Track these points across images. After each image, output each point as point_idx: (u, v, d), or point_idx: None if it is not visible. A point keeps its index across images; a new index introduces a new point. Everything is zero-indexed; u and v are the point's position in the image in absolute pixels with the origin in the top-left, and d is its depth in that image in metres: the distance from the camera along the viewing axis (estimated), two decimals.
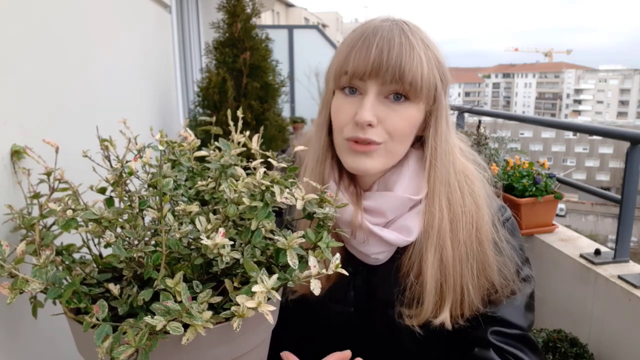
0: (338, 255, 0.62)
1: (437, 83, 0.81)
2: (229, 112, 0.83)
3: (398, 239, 0.83)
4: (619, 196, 1.90)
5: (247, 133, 0.78)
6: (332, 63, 0.84)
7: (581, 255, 1.98)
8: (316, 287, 0.59)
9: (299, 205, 0.65)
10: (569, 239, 2.18)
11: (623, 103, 75.57)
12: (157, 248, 0.61)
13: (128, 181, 0.70)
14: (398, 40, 0.77)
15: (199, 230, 0.63)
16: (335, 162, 0.87)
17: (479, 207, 0.85)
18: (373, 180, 0.87)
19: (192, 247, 0.67)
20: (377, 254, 0.85)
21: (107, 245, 0.63)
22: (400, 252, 0.86)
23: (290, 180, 0.70)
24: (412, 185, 0.84)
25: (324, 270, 0.60)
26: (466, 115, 3.09)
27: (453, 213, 0.84)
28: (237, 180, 0.66)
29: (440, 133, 0.84)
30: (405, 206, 0.84)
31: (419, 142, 0.87)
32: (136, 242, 0.63)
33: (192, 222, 0.66)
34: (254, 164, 0.70)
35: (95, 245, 0.70)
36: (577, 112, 76.71)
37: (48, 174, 0.72)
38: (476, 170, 0.89)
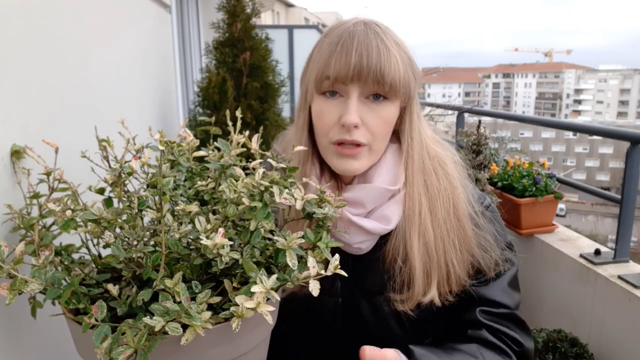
0: (337, 255, 0.62)
1: (411, 81, 0.86)
2: (228, 112, 0.83)
3: (377, 228, 0.86)
4: (619, 196, 1.90)
5: (247, 133, 0.78)
6: (309, 68, 0.88)
7: (581, 255, 1.98)
8: (315, 288, 0.59)
9: (299, 205, 0.65)
10: (569, 239, 2.18)
11: (623, 103, 75.56)
12: (157, 248, 0.61)
13: (127, 181, 0.69)
14: (375, 44, 0.81)
15: (198, 231, 0.63)
16: (316, 159, 0.91)
17: (454, 187, 0.91)
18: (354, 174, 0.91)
19: (192, 247, 0.67)
20: (359, 244, 0.88)
21: (106, 245, 0.62)
22: (384, 240, 0.89)
23: (289, 180, 0.70)
24: (390, 176, 0.89)
25: (323, 271, 0.60)
26: (466, 115, 3.10)
27: (430, 195, 0.89)
28: (236, 181, 0.66)
29: (415, 126, 0.90)
30: (384, 196, 0.88)
31: (394, 135, 0.92)
32: (135, 243, 0.63)
33: (192, 222, 0.66)
34: (253, 164, 0.70)
35: (94, 246, 0.70)
36: (577, 112, 76.70)
37: (48, 174, 0.72)
38: (447, 154, 0.95)
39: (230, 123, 0.80)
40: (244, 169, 0.73)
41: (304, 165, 0.90)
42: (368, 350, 0.79)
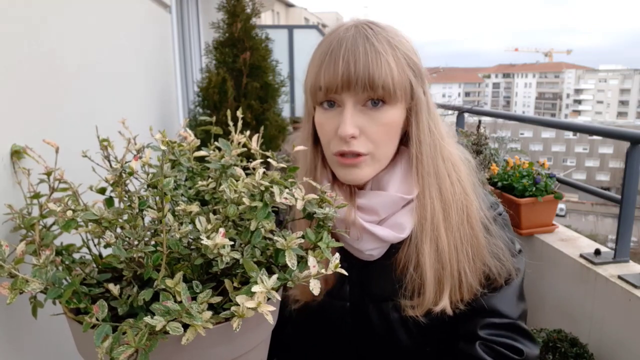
0: (337, 255, 0.62)
1: (410, 80, 0.82)
2: (228, 112, 0.83)
3: (391, 236, 0.84)
4: (619, 196, 1.90)
5: (247, 133, 0.78)
6: (306, 79, 0.86)
7: (581, 255, 1.98)
8: (315, 287, 0.59)
9: (299, 205, 0.65)
10: (569, 239, 2.18)
11: (623, 103, 75.53)
12: (157, 248, 0.61)
13: (128, 181, 0.70)
14: (362, 50, 0.78)
15: (199, 231, 0.63)
16: (327, 164, 0.89)
17: (467, 193, 0.87)
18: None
19: (192, 247, 0.67)
20: (370, 251, 0.86)
21: (107, 245, 0.63)
22: (395, 247, 0.87)
23: (290, 180, 0.70)
24: (405, 184, 0.86)
25: (323, 270, 0.60)
26: (466, 115, 3.09)
27: (444, 201, 0.85)
28: (237, 181, 0.66)
29: (422, 127, 0.85)
30: (398, 205, 0.85)
31: (407, 138, 0.88)
32: (136, 243, 0.63)
33: (192, 222, 0.66)
34: (253, 164, 0.70)
35: (95, 245, 0.70)
36: (577, 112, 76.67)
37: (48, 174, 0.72)
38: (461, 158, 0.91)
39: (231, 123, 0.80)
40: (245, 169, 0.74)
41: (315, 172, 0.88)
42: None
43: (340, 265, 0.61)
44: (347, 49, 0.79)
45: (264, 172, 0.66)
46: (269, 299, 0.58)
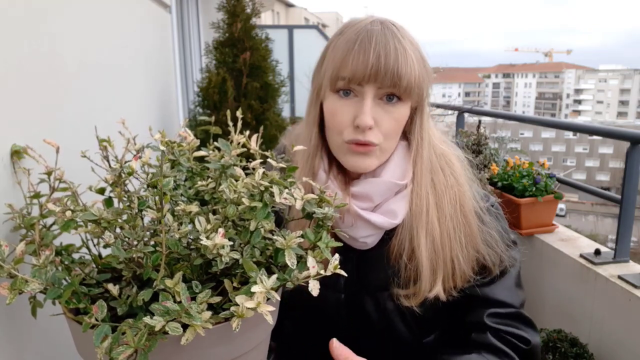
0: (337, 255, 0.62)
1: (425, 81, 0.86)
2: (228, 112, 0.83)
3: (384, 222, 0.87)
4: (619, 196, 1.90)
5: (247, 133, 0.78)
6: (324, 65, 0.87)
7: (581, 255, 1.98)
8: (315, 288, 0.59)
9: (299, 205, 0.65)
10: (569, 239, 2.18)
11: (623, 103, 75.53)
12: (157, 248, 0.61)
13: (127, 181, 0.69)
14: (393, 45, 0.81)
15: (198, 231, 0.63)
16: (325, 153, 0.91)
17: (460, 184, 0.91)
18: None
19: (192, 247, 0.67)
20: (365, 238, 0.88)
21: (107, 245, 0.63)
22: (389, 235, 0.89)
23: (289, 180, 0.70)
24: (398, 171, 0.89)
25: (322, 271, 0.60)
26: (466, 115, 3.10)
27: (437, 192, 0.89)
28: (236, 181, 0.66)
29: (425, 126, 0.90)
30: (391, 191, 0.88)
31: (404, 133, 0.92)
32: (135, 243, 0.63)
33: (192, 222, 0.66)
34: (253, 164, 0.70)
35: (94, 246, 0.70)
36: (577, 112, 76.67)
37: (48, 174, 0.72)
38: (455, 155, 0.95)
39: (230, 123, 0.80)
40: (244, 169, 0.74)
41: (313, 160, 0.90)
42: (336, 343, 0.77)
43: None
44: (378, 42, 0.81)
45: (263, 172, 0.66)
46: (268, 299, 0.58)
